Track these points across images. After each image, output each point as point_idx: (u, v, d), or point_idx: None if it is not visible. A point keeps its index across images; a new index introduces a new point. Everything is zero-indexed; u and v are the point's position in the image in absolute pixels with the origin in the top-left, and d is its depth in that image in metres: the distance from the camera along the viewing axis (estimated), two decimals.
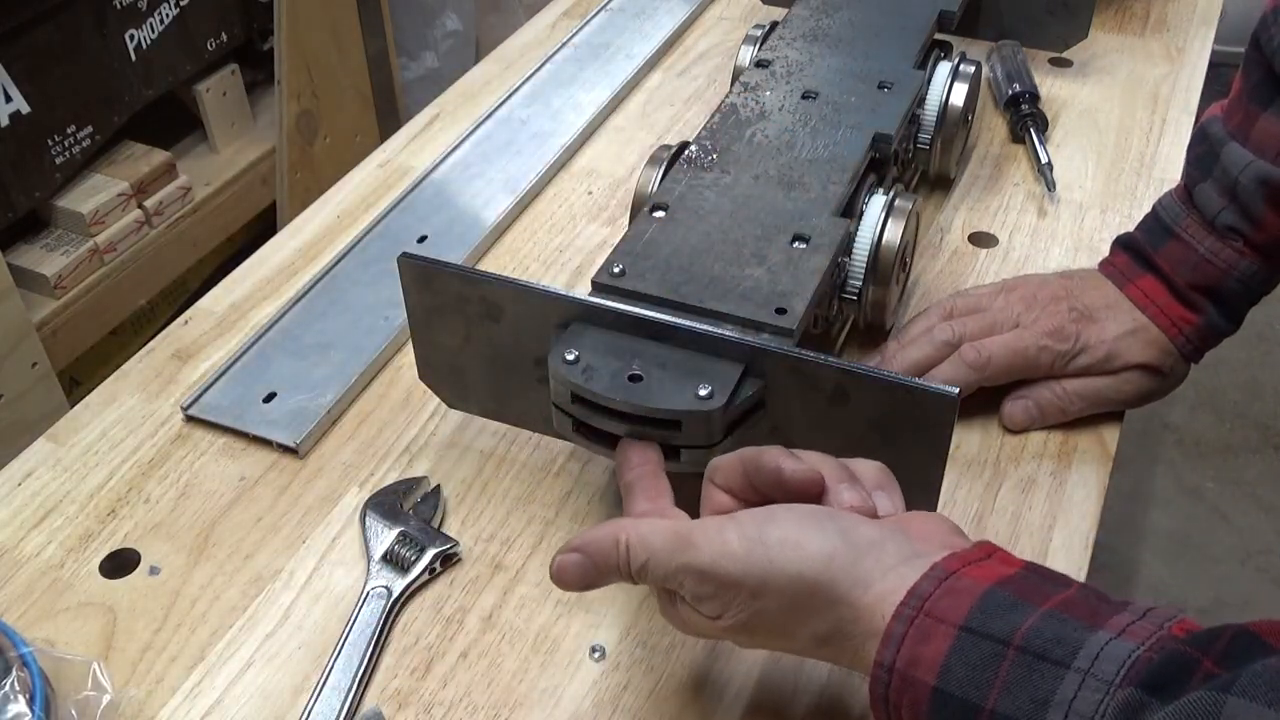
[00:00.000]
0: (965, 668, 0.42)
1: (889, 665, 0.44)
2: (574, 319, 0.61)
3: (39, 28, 1.43)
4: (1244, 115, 0.71)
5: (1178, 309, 0.72)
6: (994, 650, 0.42)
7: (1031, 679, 0.41)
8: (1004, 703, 0.41)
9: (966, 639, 0.42)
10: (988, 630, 0.42)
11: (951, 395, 0.54)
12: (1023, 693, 0.40)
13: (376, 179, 0.97)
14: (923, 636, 0.43)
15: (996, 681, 0.41)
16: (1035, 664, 0.41)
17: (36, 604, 0.64)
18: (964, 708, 0.42)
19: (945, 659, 0.42)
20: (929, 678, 0.43)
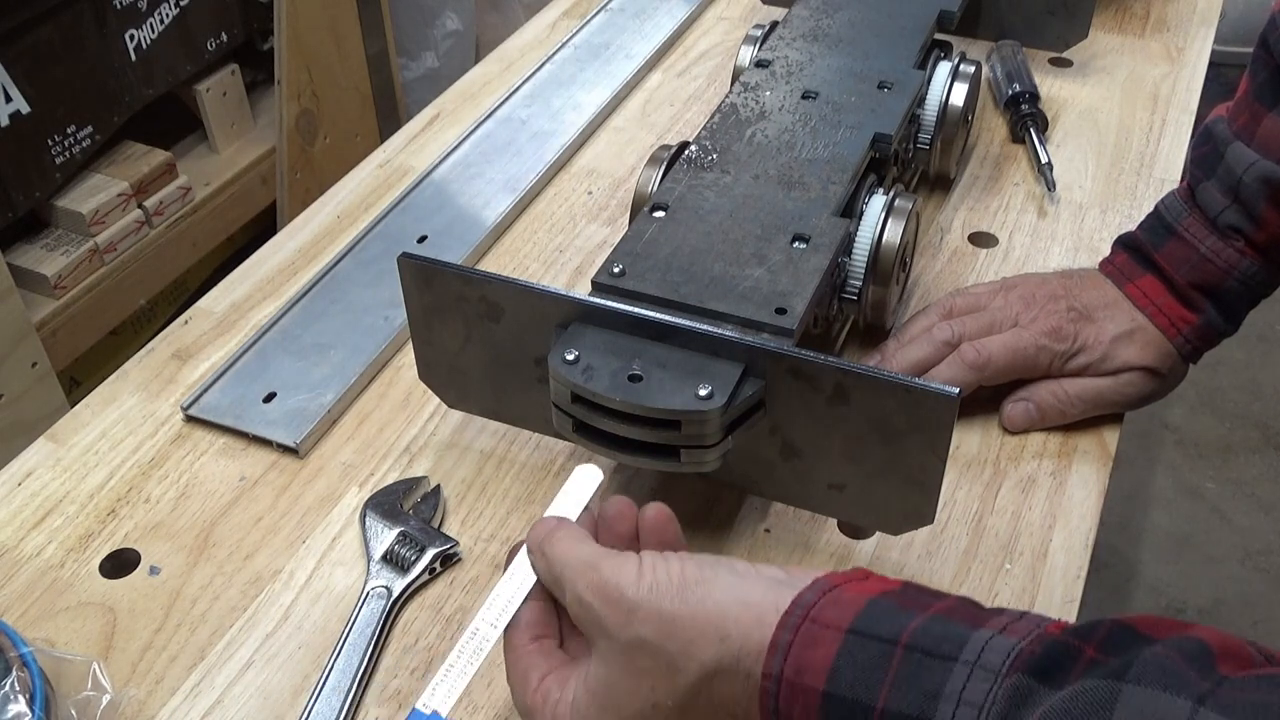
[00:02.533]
0: (854, 669, 0.42)
1: (777, 675, 0.43)
2: (574, 319, 0.61)
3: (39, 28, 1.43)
4: (1250, 115, 0.71)
5: (1177, 308, 0.72)
6: (881, 650, 0.42)
7: (920, 674, 0.41)
8: (894, 700, 0.41)
9: (854, 641, 0.42)
10: (874, 632, 0.43)
11: (952, 395, 0.54)
12: (913, 688, 0.41)
13: (376, 179, 0.97)
14: (810, 642, 0.43)
15: (886, 680, 0.41)
16: (923, 660, 0.41)
17: (36, 604, 0.64)
18: (855, 709, 0.41)
19: (834, 662, 0.42)
20: (818, 682, 0.42)
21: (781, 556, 0.65)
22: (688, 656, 0.45)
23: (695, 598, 0.46)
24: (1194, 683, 0.36)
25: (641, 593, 0.47)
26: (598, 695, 0.47)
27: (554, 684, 0.49)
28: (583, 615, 0.49)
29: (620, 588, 0.47)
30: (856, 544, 0.66)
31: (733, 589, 0.46)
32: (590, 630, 0.49)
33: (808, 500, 0.64)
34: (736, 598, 0.46)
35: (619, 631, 0.47)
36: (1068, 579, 0.64)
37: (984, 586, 0.63)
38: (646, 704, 0.46)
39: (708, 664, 0.45)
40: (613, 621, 0.47)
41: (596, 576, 0.48)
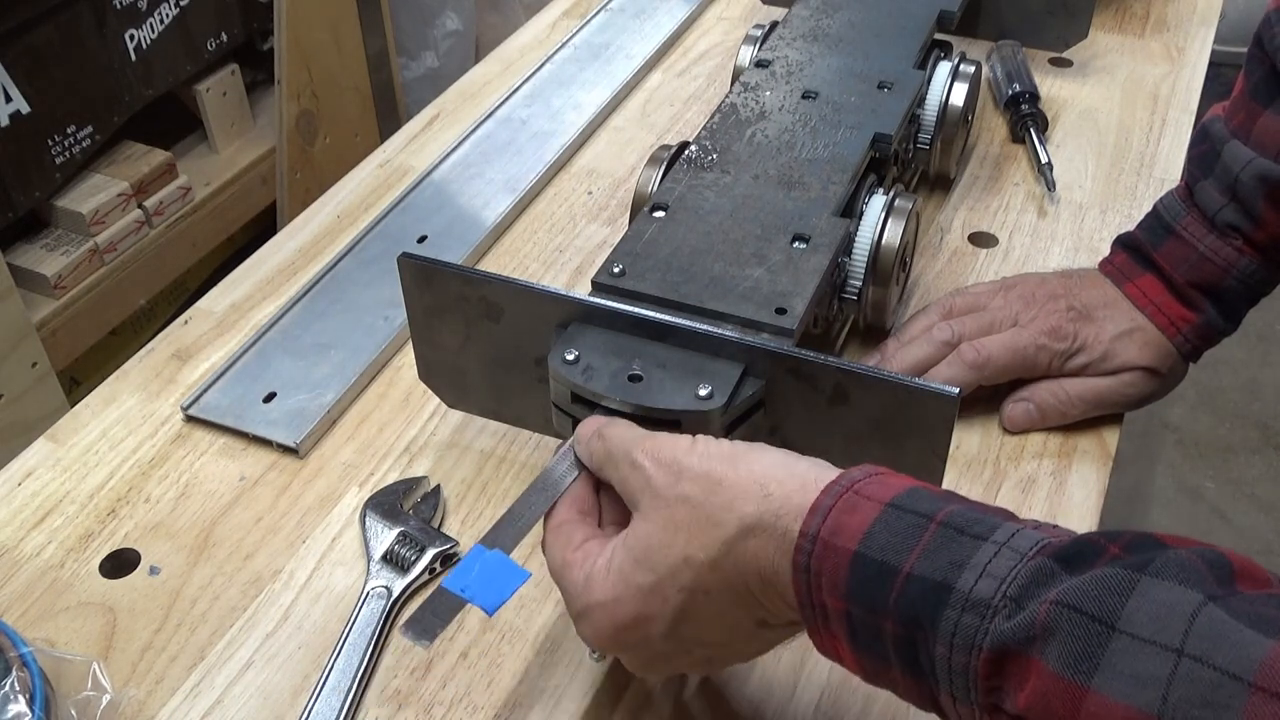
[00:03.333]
0: (888, 535, 0.43)
1: (814, 534, 0.45)
2: (574, 319, 0.61)
3: (39, 28, 1.43)
4: (1246, 114, 0.71)
5: (1176, 308, 0.72)
6: (917, 523, 0.43)
7: (950, 546, 0.42)
8: (921, 565, 0.42)
9: (891, 513, 0.44)
10: (912, 508, 0.44)
11: (952, 395, 0.54)
12: (940, 556, 0.42)
13: (376, 179, 0.97)
14: (849, 508, 0.45)
15: (916, 548, 0.43)
16: (955, 536, 0.42)
17: (36, 604, 0.64)
18: (881, 570, 0.43)
19: (870, 527, 0.44)
20: (850, 543, 0.44)
21: None
22: (729, 510, 0.47)
23: (744, 463, 0.49)
24: (1209, 584, 0.37)
25: (693, 457, 0.49)
26: (634, 550, 0.49)
27: (595, 546, 0.52)
28: (632, 479, 0.51)
29: (674, 451, 0.50)
30: None
31: (780, 459, 0.49)
32: (638, 493, 0.50)
33: None
34: (783, 464, 0.48)
35: (666, 489, 0.49)
36: None
37: None
38: (679, 557, 0.48)
39: (747, 518, 0.47)
40: (661, 480, 0.49)
41: (652, 443, 0.51)
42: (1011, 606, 0.39)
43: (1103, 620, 0.37)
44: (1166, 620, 0.36)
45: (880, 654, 0.44)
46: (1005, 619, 0.39)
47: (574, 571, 0.51)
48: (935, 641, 0.41)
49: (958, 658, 0.40)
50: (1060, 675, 0.37)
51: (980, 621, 0.40)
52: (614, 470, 0.52)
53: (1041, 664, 0.38)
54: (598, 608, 0.50)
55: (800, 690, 0.59)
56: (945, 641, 0.40)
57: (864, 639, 0.44)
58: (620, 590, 0.50)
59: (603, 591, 0.50)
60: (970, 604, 0.40)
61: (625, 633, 0.50)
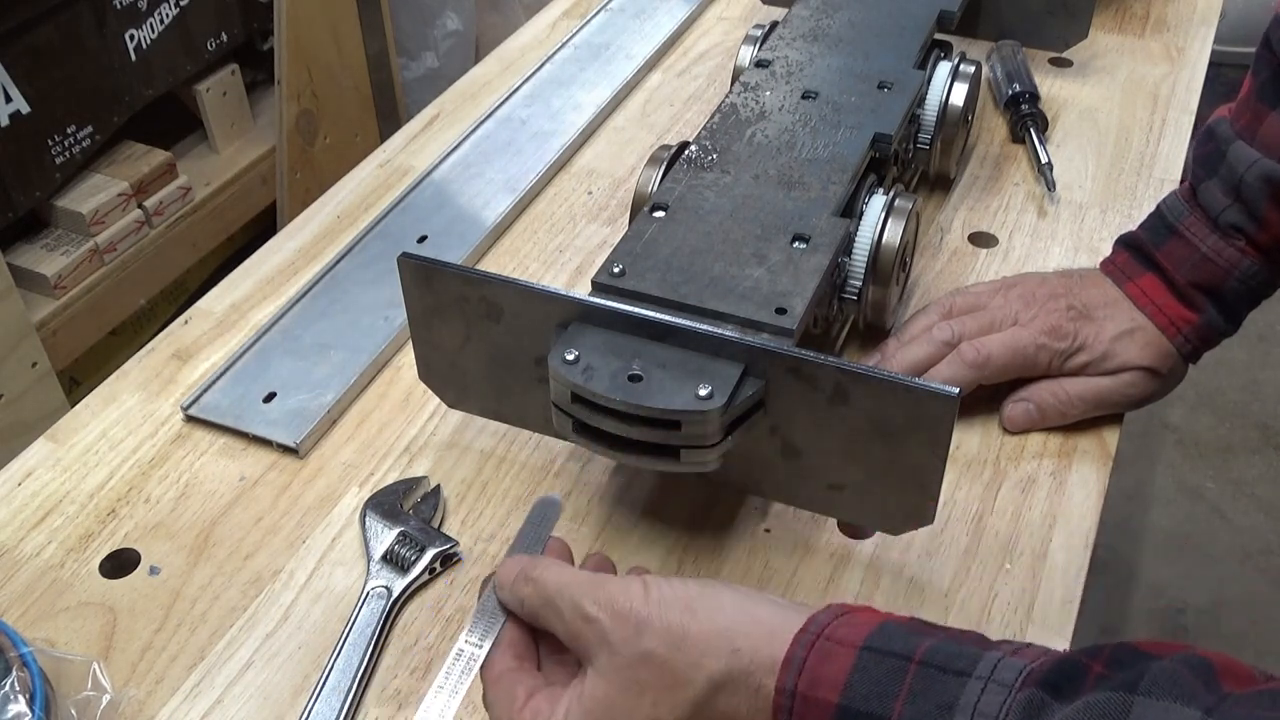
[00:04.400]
0: (869, 683, 0.42)
1: (791, 690, 0.43)
2: (574, 319, 0.61)
3: (39, 28, 1.43)
4: (1252, 114, 0.71)
5: (1177, 308, 0.72)
6: (896, 665, 0.42)
7: (935, 688, 0.41)
8: (909, 712, 0.41)
9: (868, 657, 0.43)
10: (888, 649, 0.43)
11: (952, 395, 0.54)
12: (927, 700, 0.41)
13: (376, 179, 0.97)
14: (824, 657, 0.44)
15: (900, 693, 0.42)
16: (938, 675, 0.42)
17: (36, 604, 0.64)
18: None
19: (849, 676, 0.43)
20: (832, 695, 0.43)
21: (781, 556, 0.65)
22: (696, 668, 0.45)
23: (704, 612, 0.47)
24: (1201, 695, 0.36)
25: (650, 607, 0.47)
26: (593, 713, 0.47)
27: (543, 701, 0.49)
28: (584, 632, 0.48)
29: (629, 601, 0.47)
30: (856, 544, 0.66)
31: (741, 606, 0.47)
32: (591, 647, 0.48)
33: (808, 500, 0.64)
34: (746, 613, 0.46)
35: (624, 646, 0.47)
36: (1068, 579, 0.64)
37: (984, 586, 0.63)
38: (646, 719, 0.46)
39: (716, 676, 0.45)
40: (620, 635, 0.47)
41: (604, 592, 0.48)
42: None
43: None
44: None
45: None
46: None
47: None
48: None
49: None
50: None
51: None
52: (557, 620, 0.50)
53: None
54: None
55: None
56: None
57: None
58: None
59: None
60: None
61: None
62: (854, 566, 0.64)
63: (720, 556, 0.65)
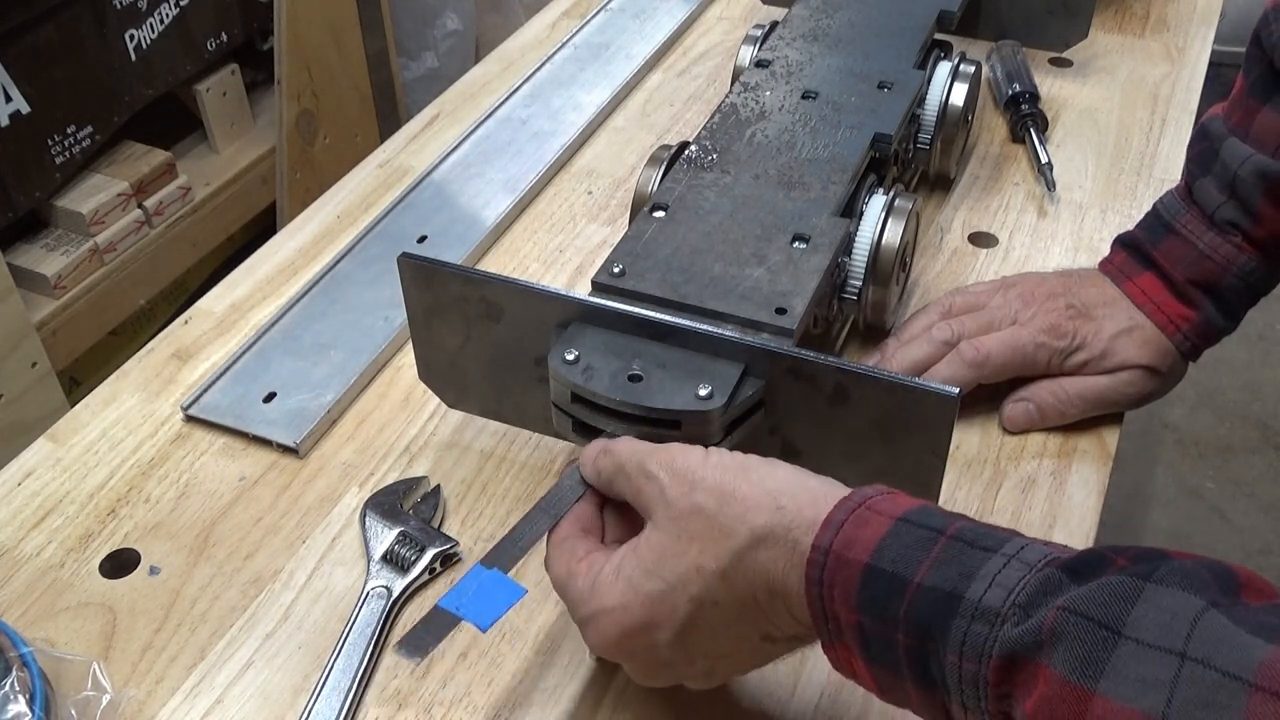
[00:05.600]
0: (899, 547, 0.44)
1: (826, 548, 0.45)
2: (574, 319, 0.61)
3: (39, 28, 1.43)
4: (1244, 111, 0.71)
5: (1175, 306, 0.72)
6: (927, 536, 0.44)
7: (960, 558, 0.43)
8: (931, 576, 0.43)
9: (903, 526, 0.45)
10: (923, 522, 0.45)
11: (952, 395, 0.54)
12: (950, 568, 0.43)
13: (376, 179, 0.97)
14: (861, 522, 0.45)
15: (927, 560, 0.43)
16: (965, 548, 0.43)
17: (36, 604, 0.64)
18: (892, 581, 0.43)
19: (881, 540, 0.44)
20: (862, 556, 0.44)
21: None
22: (741, 520, 0.48)
23: (756, 475, 0.49)
24: (1213, 591, 0.38)
25: (708, 469, 0.50)
26: (644, 558, 0.50)
27: (600, 556, 0.52)
28: (646, 489, 0.51)
29: (687, 461, 0.51)
30: None
31: (793, 474, 0.49)
32: (651, 503, 0.51)
33: None
34: (796, 479, 0.49)
35: (679, 499, 0.49)
36: None
37: None
38: (690, 567, 0.48)
39: (758, 529, 0.47)
40: (675, 491, 0.50)
41: (666, 454, 0.52)
42: (1020, 614, 0.40)
43: (1109, 626, 0.37)
44: (1170, 625, 0.36)
45: (893, 667, 0.44)
46: (1013, 626, 0.40)
47: (579, 580, 0.52)
48: (945, 651, 0.41)
49: (967, 666, 0.41)
50: (1067, 680, 0.37)
51: (989, 630, 0.40)
52: (625, 483, 0.53)
53: (1048, 669, 0.38)
54: (604, 614, 0.51)
55: (800, 690, 0.59)
56: (955, 650, 0.41)
57: (877, 651, 0.44)
58: (628, 597, 0.50)
59: (610, 597, 0.50)
60: (979, 612, 0.41)
61: (630, 639, 0.51)
62: None
63: None
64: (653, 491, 0.51)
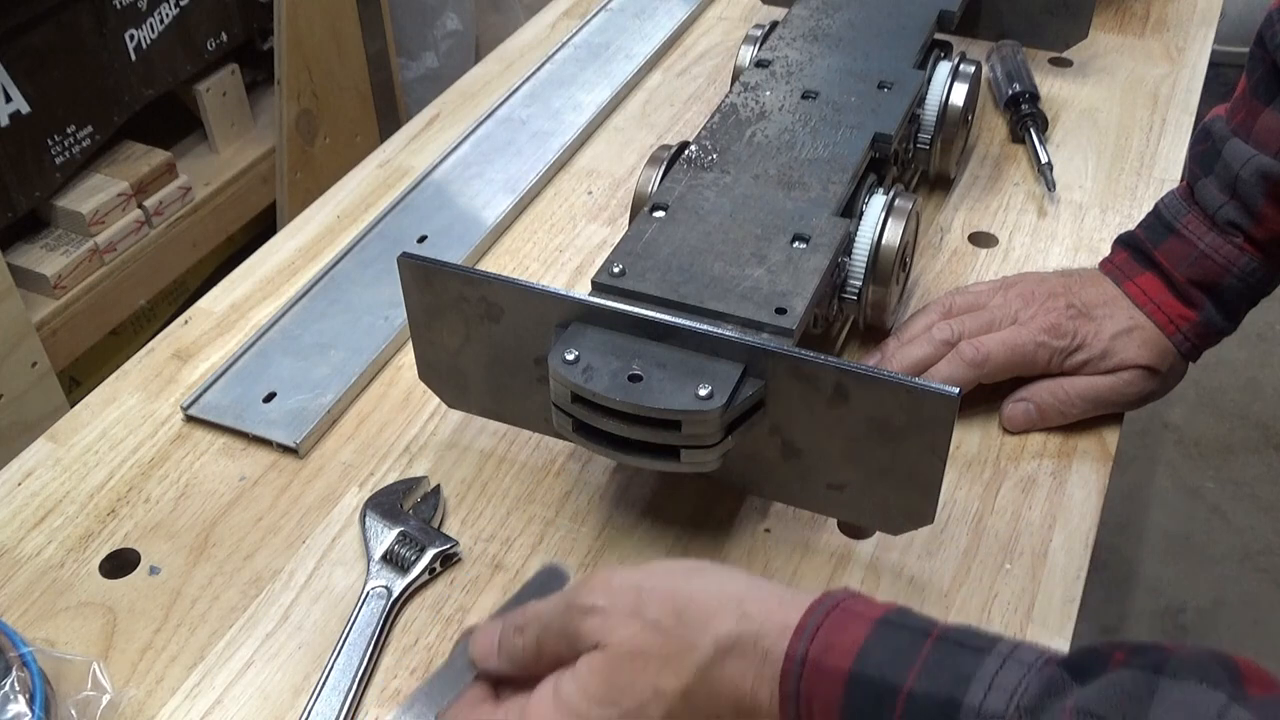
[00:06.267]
0: (883, 651, 0.41)
1: (801, 656, 0.42)
2: (574, 319, 0.61)
3: (39, 28, 1.43)
4: (1247, 111, 0.71)
5: (1176, 306, 0.72)
6: (913, 638, 0.41)
7: (953, 660, 0.40)
8: (923, 682, 0.40)
9: (884, 628, 0.42)
10: (906, 624, 0.42)
11: (952, 395, 0.54)
12: (944, 671, 0.40)
13: (376, 179, 0.97)
14: (838, 626, 0.42)
15: (916, 664, 0.40)
16: (955, 649, 0.41)
17: (36, 604, 0.64)
18: (880, 690, 0.40)
19: (863, 644, 0.41)
20: (844, 662, 0.41)
21: (782, 557, 0.65)
22: (703, 631, 0.44)
23: (711, 578, 0.46)
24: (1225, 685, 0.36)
25: (653, 578, 0.46)
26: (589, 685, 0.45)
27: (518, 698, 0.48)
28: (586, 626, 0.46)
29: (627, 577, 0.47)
30: (856, 544, 0.66)
31: (748, 577, 0.46)
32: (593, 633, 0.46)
33: (808, 500, 0.64)
34: (754, 583, 0.46)
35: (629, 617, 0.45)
36: (1068, 579, 0.64)
37: (984, 586, 0.63)
38: (649, 689, 0.45)
39: (723, 639, 0.44)
40: (623, 608, 0.45)
41: (598, 579, 0.48)
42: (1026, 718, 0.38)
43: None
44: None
45: None
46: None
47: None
48: None
49: None
50: None
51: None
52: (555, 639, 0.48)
53: None
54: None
55: None
56: None
57: None
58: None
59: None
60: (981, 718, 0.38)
61: None
62: (854, 566, 0.64)
63: (720, 556, 0.65)
64: (595, 625, 0.46)
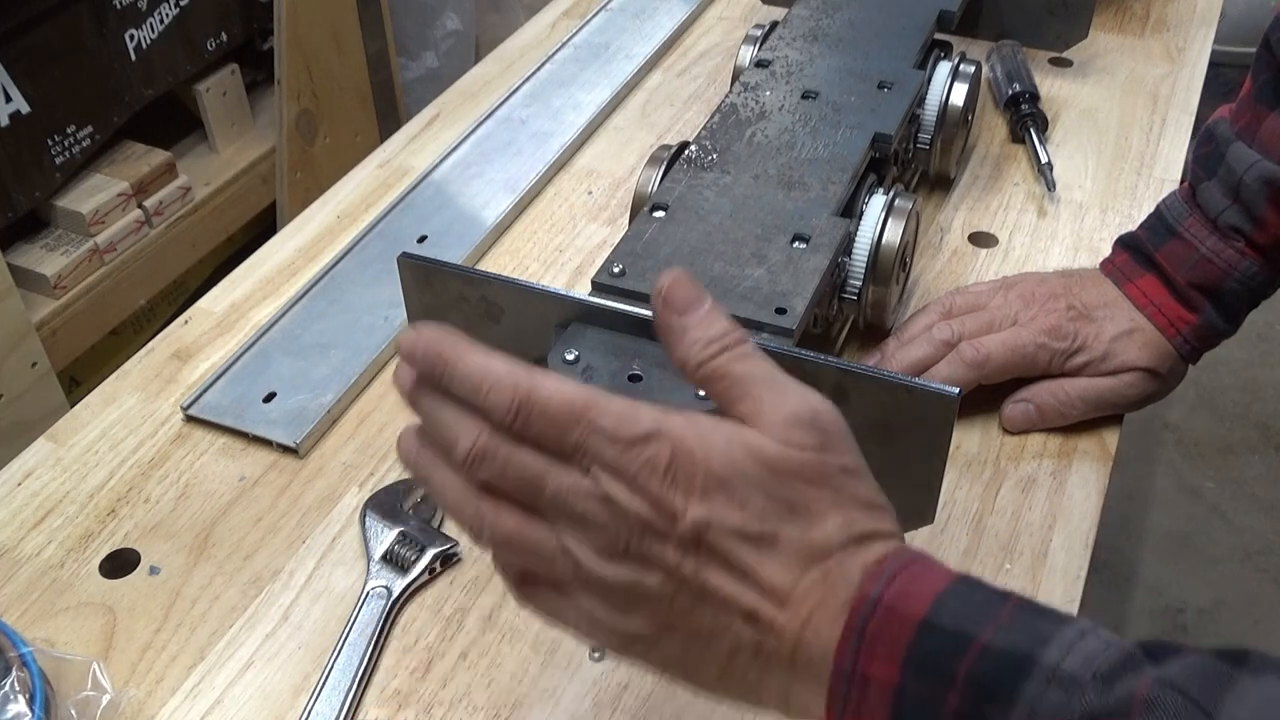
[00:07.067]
0: (962, 604, 0.40)
1: (875, 598, 0.40)
2: (574, 319, 0.61)
3: (39, 28, 1.43)
4: (1252, 115, 0.71)
5: (1176, 308, 0.72)
6: (991, 598, 0.40)
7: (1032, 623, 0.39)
8: (1000, 637, 0.39)
9: (963, 584, 0.41)
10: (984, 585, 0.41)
11: (952, 395, 0.54)
12: (1022, 631, 0.39)
13: (376, 179, 0.97)
14: (916, 577, 0.41)
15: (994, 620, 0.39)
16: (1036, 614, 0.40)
17: (36, 604, 0.64)
18: (954, 639, 0.39)
19: (941, 594, 0.40)
20: (919, 609, 0.40)
21: None
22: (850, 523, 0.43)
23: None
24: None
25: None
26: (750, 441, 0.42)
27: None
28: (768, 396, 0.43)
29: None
30: None
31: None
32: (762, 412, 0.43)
33: None
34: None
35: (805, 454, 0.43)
36: (1068, 579, 0.64)
37: None
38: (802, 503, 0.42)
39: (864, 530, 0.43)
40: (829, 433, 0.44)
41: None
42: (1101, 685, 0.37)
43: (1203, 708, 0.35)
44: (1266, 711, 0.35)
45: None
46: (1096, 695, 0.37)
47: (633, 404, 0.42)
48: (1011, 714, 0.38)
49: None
50: None
51: (1067, 696, 0.37)
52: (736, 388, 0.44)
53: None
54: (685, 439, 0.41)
55: None
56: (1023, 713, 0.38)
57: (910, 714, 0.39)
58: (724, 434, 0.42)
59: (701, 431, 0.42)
60: (1057, 678, 0.38)
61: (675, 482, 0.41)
62: None
63: None
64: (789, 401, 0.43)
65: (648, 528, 0.41)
